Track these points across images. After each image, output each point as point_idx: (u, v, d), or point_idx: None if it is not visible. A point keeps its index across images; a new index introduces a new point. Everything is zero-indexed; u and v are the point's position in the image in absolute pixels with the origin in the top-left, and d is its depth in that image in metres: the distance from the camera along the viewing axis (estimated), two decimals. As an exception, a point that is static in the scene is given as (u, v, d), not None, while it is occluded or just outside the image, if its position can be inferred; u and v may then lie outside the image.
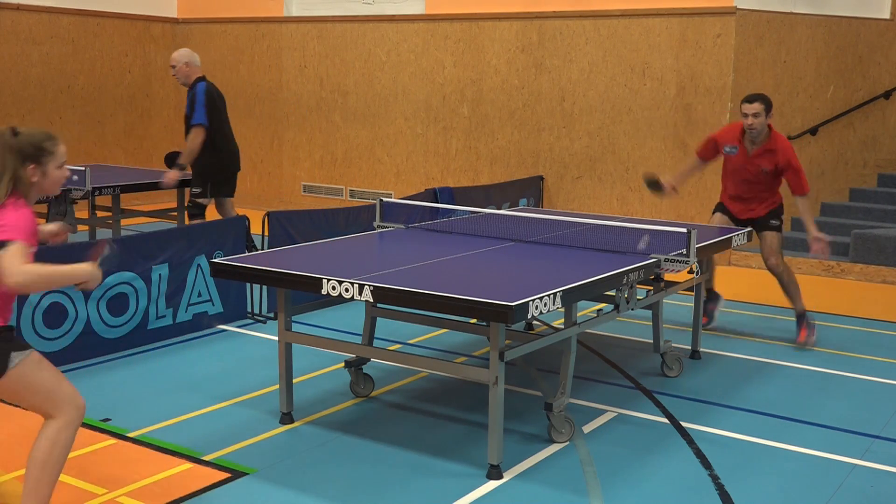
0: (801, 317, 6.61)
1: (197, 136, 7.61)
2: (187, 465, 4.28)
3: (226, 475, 4.17)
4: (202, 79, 7.79)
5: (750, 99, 6.40)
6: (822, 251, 6.49)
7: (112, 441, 4.53)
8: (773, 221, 6.65)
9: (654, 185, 6.79)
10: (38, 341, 5.52)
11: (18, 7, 11.43)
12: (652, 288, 5.49)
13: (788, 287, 6.64)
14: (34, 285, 3.35)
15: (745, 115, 6.39)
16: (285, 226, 6.93)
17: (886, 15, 10.28)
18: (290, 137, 12.47)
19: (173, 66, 7.77)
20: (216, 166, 7.83)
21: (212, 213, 7.89)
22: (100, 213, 9.03)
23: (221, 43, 12.88)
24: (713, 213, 6.89)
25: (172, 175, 7.91)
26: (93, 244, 3.67)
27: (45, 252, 5.67)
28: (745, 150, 6.51)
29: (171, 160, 8.07)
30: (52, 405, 3.41)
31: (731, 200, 6.74)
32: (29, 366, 3.36)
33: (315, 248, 5.24)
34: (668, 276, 5.46)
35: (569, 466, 4.36)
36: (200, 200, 7.84)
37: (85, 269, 3.37)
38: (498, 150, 10.86)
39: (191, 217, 7.92)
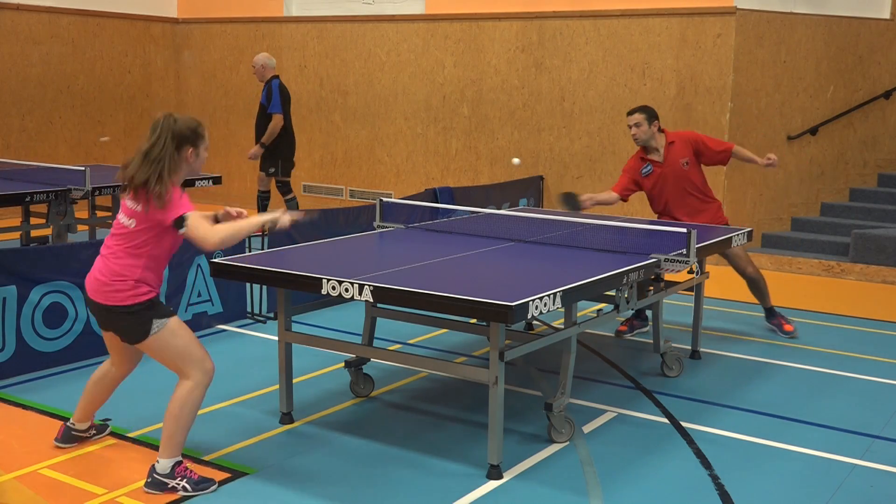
0: (773, 312, 6.80)
1: (277, 122, 9.44)
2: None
3: (226, 475, 4.17)
4: (276, 77, 9.65)
5: (630, 112, 6.59)
6: (774, 162, 6.62)
7: (112, 441, 4.53)
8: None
9: (571, 199, 6.68)
10: (38, 341, 5.52)
11: (18, 7, 11.43)
12: (652, 288, 5.49)
13: (762, 286, 6.76)
14: (230, 240, 3.95)
15: (630, 127, 6.54)
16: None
17: (886, 15, 10.28)
18: (290, 137, 12.46)
19: (253, 66, 9.77)
20: (288, 149, 9.69)
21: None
22: (100, 213, 9.03)
23: (221, 43, 12.88)
24: None
25: (254, 150, 9.60)
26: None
27: (45, 252, 5.67)
28: (656, 162, 6.55)
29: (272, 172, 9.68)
30: (183, 367, 3.97)
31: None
32: (166, 332, 3.92)
33: (315, 248, 5.24)
34: (667, 276, 5.47)
35: (569, 466, 4.36)
36: (282, 178, 9.69)
37: (264, 217, 4.08)
38: (498, 150, 10.86)
39: (282, 194, 9.73)
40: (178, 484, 3.94)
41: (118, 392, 5.22)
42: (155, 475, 3.96)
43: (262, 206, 9.98)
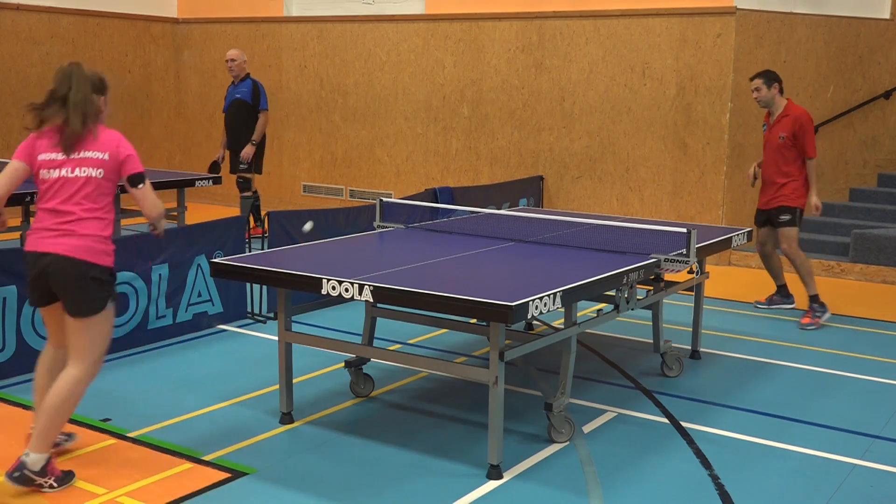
0: (812, 300, 7.13)
1: (266, 120, 9.72)
2: (187, 465, 4.28)
3: (226, 475, 4.17)
4: (248, 74, 9.85)
5: (751, 77, 7.29)
6: (815, 210, 7.23)
7: (112, 441, 4.53)
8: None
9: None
10: (38, 341, 5.52)
11: (18, 7, 11.43)
12: (652, 288, 5.49)
13: (800, 271, 7.22)
14: (162, 218, 4.07)
15: (752, 91, 7.28)
16: (285, 226, 6.92)
17: (886, 15, 10.28)
18: (290, 137, 12.47)
19: (233, 60, 9.72)
20: (261, 147, 9.81)
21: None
22: (100, 213, 9.01)
23: (221, 43, 12.88)
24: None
25: (249, 150, 9.63)
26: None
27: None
28: (769, 124, 7.26)
29: (215, 168, 9.70)
30: (89, 354, 3.93)
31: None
32: (109, 314, 3.94)
33: (315, 248, 5.24)
34: (667, 276, 5.47)
35: (569, 466, 4.36)
36: (248, 175, 9.72)
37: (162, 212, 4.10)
38: (498, 150, 10.86)
39: (242, 190, 9.76)
40: (47, 482, 3.88)
41: (118, 392, 5.23)
42: (25, 471, 3.85)
43: (255, 207, 9.90)
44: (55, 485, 3.90)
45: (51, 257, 3.87)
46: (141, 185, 3.96)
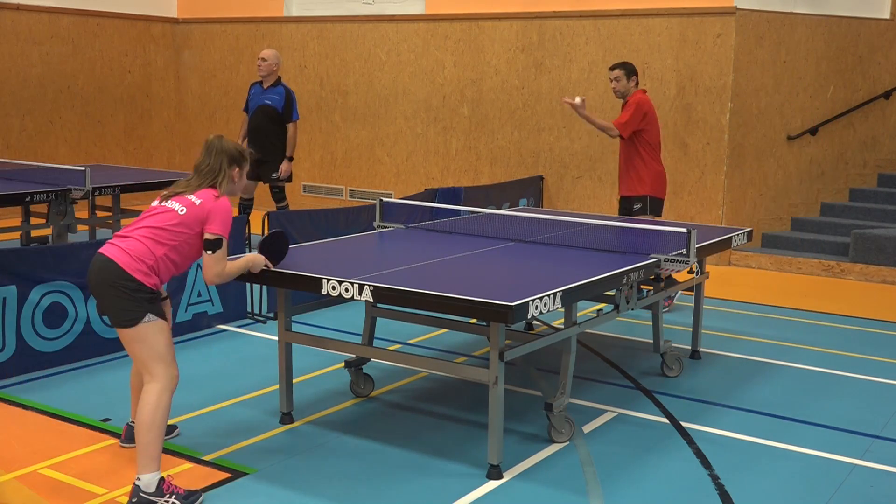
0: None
1: (296, 130, 9.09)
2: (187, 465, 4.28)
3: (226, 475, 4.17)
4: (280, 79, 9.10)
5: (612, 66, 7.44)
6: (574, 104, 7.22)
7: (112, 441, 4.53)
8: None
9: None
10: (38, 341, 5.52)
11: (18, 7, 11.43)
12: (652, 288, 5.49)
13: None
14: (227, 279, 4.17)
15: (610, 81, 7.40)
16: (285, 226, 6.92)
17: (886, 15, 10.28)
18: (290, 137, 12.45)
19: (265, 59, 8.94)
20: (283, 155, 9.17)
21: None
22: (100, 213, 9.03)
23: (221, 43, 12.88)
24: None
25: (287, 167, 9.02)
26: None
27: (45, 252, 5.67)
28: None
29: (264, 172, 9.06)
30: (154, 366, 3.90)
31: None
32: (154, 326, 3.89)
33: (315, 248, 5.24)
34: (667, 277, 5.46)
35: (569, 466, 4.36)
36: (282, 184, 9.12)
37: (253, 259, 4.29)
38: (498, 150, 10.86)
39: (278, 201, 9.20)
40: (168, 501, 3.76)
41: (118, 392, 5.23)
42: (141, 495, 3.76)
43: (245, 207, 9.77)
44: (177, 502, 3.79)
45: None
46: (209, 252, 4.00)
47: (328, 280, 4.19)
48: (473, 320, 5.37)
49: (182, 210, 3.96)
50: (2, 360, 5.36)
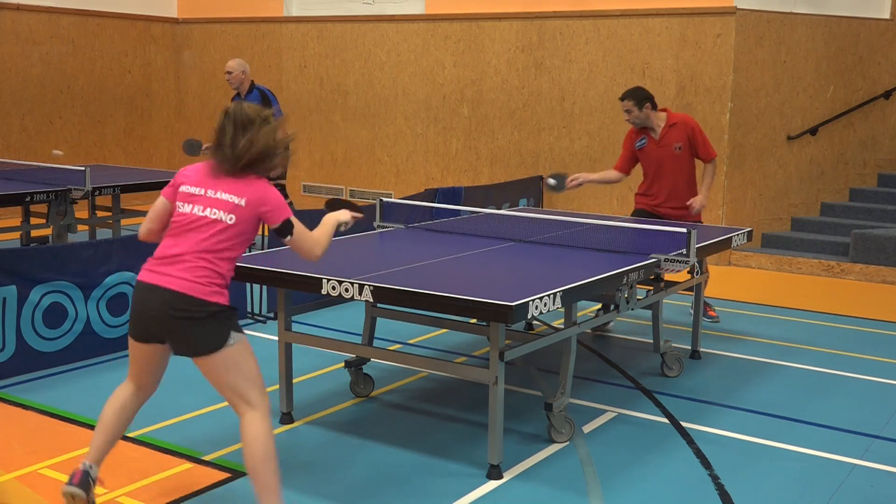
0: None
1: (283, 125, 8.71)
2: (187, 465, 4.28)
3: (226, 475, 4.17)
4: (254, 83, 8.73)
5: (621, 97, 6.89)
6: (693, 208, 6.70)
7: (112, 441, 4.52)
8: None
9: (559, 180, 6.79)
10: (38, 341, 5.52)
11: (18, 7, 11.43)
12: (652, 288, 5.49)
13: None
14: (327, 249, 3.83)
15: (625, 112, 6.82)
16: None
17: (886, 15, 10.28)
18: (290, 137, 12.45)
19: (230, 72, 8.53)
20: None
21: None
22: (100, 213, 9.03)
23: (221, 43, 12.88)
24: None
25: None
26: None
27: (45, 252, 5.67)
28: (652, 138, 6.74)
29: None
30: (248, 392, 3.52)
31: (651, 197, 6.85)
32: (241, 347, 3.52)
33: (315, 248, 5.23)
34: (667, 276, 5.47)
35: (569, 466, 4.36)
36: (282, 182, 8.62)
37: (336, 217, 4.05)
38: (498, 150, 10.86)
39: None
40: None
41: (118, 392, 5.20)
42: None
43: None
44: None
45: None
46: (289, 237, 3.75)
47: (328, 280, 4.19)
48: (473, 320, 5.36)
49: (231, 219, 3.58)
50: (2, 360, 5.36)
